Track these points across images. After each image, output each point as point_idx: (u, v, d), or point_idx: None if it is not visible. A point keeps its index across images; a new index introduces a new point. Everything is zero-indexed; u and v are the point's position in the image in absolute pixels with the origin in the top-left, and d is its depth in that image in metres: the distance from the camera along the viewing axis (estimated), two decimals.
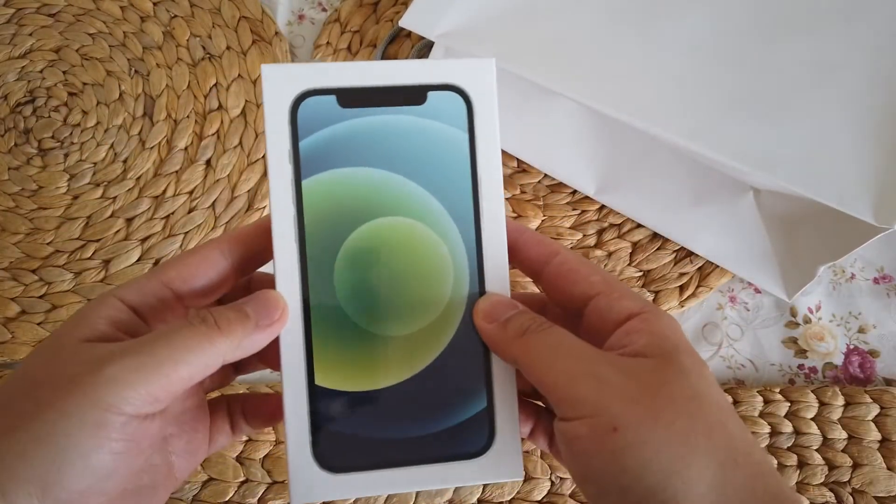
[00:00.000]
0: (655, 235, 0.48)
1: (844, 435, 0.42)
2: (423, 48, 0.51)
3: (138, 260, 0.48)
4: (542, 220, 0.49)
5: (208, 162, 0.51)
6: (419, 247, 0.22)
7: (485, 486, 0.42)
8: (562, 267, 0.23)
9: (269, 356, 0.22)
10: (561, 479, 0.42)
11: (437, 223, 0.22)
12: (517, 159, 0.50)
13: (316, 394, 0.22)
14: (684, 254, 0.47)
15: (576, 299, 0.22)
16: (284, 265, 0.22)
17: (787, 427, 0.43)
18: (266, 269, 0.25)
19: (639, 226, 0.48)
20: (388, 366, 0.22)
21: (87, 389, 0.17)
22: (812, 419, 0.43)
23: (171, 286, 0.22)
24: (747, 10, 0.42)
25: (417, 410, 0.22)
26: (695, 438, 0.18)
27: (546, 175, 0.50)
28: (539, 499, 0.42)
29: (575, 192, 0.49)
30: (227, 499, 0.41)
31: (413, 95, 0.22)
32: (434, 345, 0.22)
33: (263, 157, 0.51)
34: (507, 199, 0.49)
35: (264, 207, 0.49)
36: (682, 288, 0.46)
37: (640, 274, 0.47)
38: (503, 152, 0.50)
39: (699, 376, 0.19)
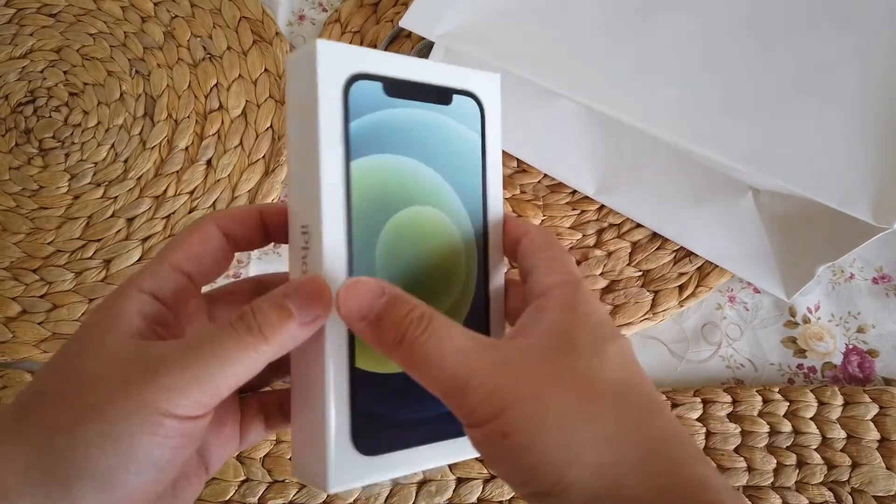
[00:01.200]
0: (655, 235, 0.48)
1: (843, 434, 0.42)
2: (423, 48, 0.51)
3: (139, 260, 0.48)
4: (542, 220, 0.49)
5: (209, 162, 0.51)
6: (444, 236, 0.23)
7: (484, 485, 0.42)
8: (528, 244, 0.23)
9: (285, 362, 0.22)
10: None
11: (456, 215, 0.24)
12: (517, 159, 0.50)
13: (356, 377, 0.21)
14: (684, 253, 0.47)
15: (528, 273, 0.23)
16: (332, 245, 0.21)
17: (787, 426, 0.43)
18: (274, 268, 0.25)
19: (638, 226, 0.48)
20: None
21: (143, 394, 0.18)
22: (811, 419, 0.43)
23: (181, 269, 0.22)
24: (747, 11, 0.42)
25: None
26: (582, 426, 0.18)
27: (546, 175, 0.50)
28: None
29: (575, 192, 0.49)
30: (227, 498, 0.41)
31: (444, 95, 0.23)
32: None
33: (261, 158, 0.51)
34: (507, 198, 0.50)
35: None
36: (681, 288, 0.46)
37: (640, 274, 0.47)
38: (503, 152, 0.50)
39: (593, 354, 0.19)
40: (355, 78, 0.21)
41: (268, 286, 0.24)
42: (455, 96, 0.23)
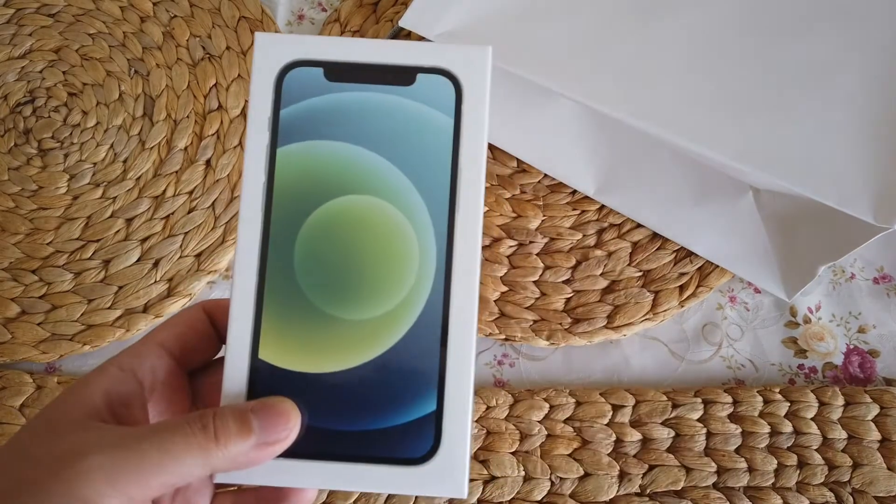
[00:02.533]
0: (655, 235, 0.48)
1: (844, 435, 0.42)
2: None
3: (138, 260, 0.48)
4: (542, 220, 0.49)
5: (208, 162, 0.51)
6: (386, 229, 0.21)
7: (484, 485, 0.42)
8: None
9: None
10: (561, 479, 0.42)
11: (409, 207, 0.21)
12: (517, 159, 0.50)
13: (257, 368, 0.21)
14: (684, 254, 0.47)
15: None
16: (247, 232, 0.21)
17: (787, 427, 0.43)
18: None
19: (639, 226, 0.48)
20: (338, 350, 0.21)
21: (68, 477, 0.17)
22: (812, 419, 0.43)
23: (165, 347, 0.22)
24: (747, 11, 0.42)
25: (362, 402, 0.21)
26: None
27: (546, 175, 0.50)
28: (539, 499, 0.42)
29: (575, 192, 0.49)
30: None
31: (402, 76, 0.21)
32: (389, 334, 0.21)
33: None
34: (507, 198, 0.49)
35: None
36: (681, 288, 0.46)
37: (640, 274, 0.47)
38: (503, 152, 0.50)
39: None
40: (292, 66, 0.21)
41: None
42: (421, 76, 0.21)
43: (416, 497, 0.42)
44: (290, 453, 0.20)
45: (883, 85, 0.39)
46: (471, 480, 0.42)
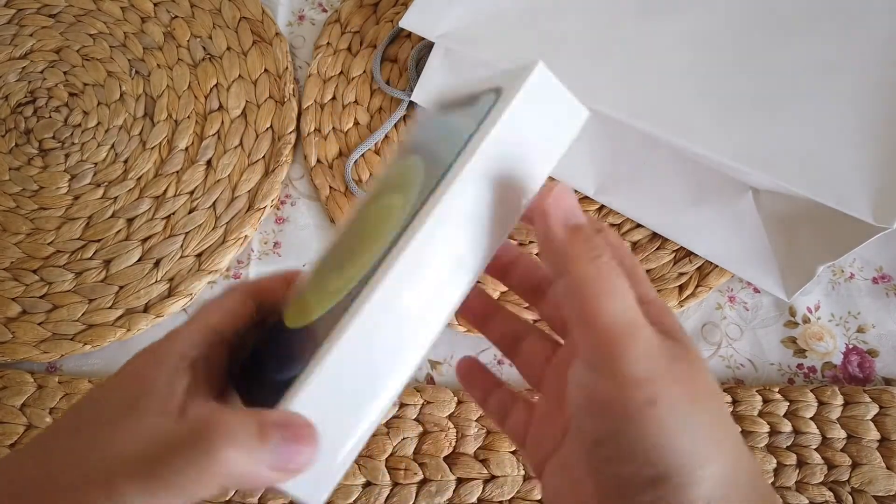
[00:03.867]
0: (655, 235, 0.48)
1: (843, 434, 0.42)
2: (423, 49, 0.51)
3: (139, 260, 0.48)
4: None
5: (209, 162, 0.51)
6: (383, 228, 0.21)
7: (484, 485, 0.42)
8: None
9: None
10: None
11: (407, 216, 0.20)
12: None
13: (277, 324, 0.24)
14: (684, 253, 0.47)
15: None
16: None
17: (787, 426, 0.43)
18: None
19: (638, 226, 0.48)
20: (300, 311, 0.23)
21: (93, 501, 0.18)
22: (811, 419, 0.43)
23: (217, 330, 0.22)
24: (748, 11, 0.42)
25: (280, 355, 0.22)
26: (717, 431, 0.18)
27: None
28: (539, 498, 0.42)
29: (575, 191, 0.49)
30: (227, 498, 0.41)
31: (472, 98, 0.24)
32: (318, 310, 0.21)
33: (261, 158, 0.51)
34: None
35: (265, 208, 0.49)
36: (681, 287, 0.46)
37: None
38: None
39: (705, 368, 0.20)
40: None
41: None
42: (482, 95, 0.22)
43: (417, 494, 0.42)
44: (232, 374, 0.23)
45: (882, 85, 0.39)
46: (470, 480, 0.42)
